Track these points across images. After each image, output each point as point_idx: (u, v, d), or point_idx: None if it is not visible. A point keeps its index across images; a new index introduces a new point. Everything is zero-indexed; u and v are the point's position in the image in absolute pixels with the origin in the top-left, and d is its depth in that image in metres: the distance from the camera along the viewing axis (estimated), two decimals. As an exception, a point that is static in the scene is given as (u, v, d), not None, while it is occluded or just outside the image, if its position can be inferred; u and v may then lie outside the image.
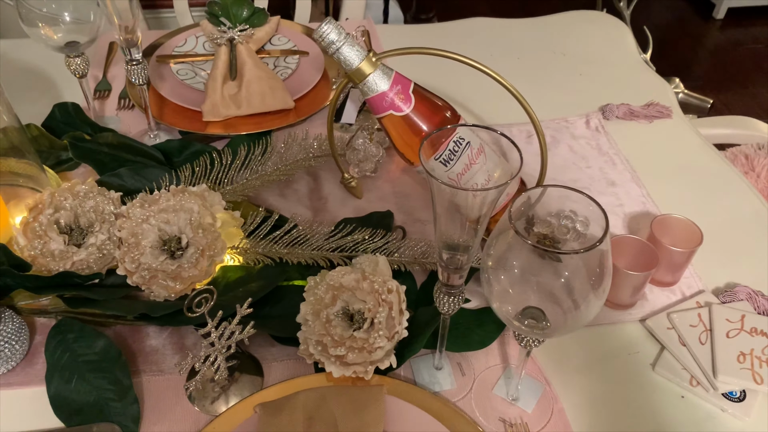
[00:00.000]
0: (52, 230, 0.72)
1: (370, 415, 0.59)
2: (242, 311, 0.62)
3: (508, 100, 0.75)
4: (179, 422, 0.64)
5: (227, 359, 0.64)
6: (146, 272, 0.70)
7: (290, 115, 0.98)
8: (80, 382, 0.65)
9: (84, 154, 0.84)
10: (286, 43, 1.09)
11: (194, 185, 0.80)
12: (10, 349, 0.65)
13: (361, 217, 0.82)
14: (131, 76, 0.85)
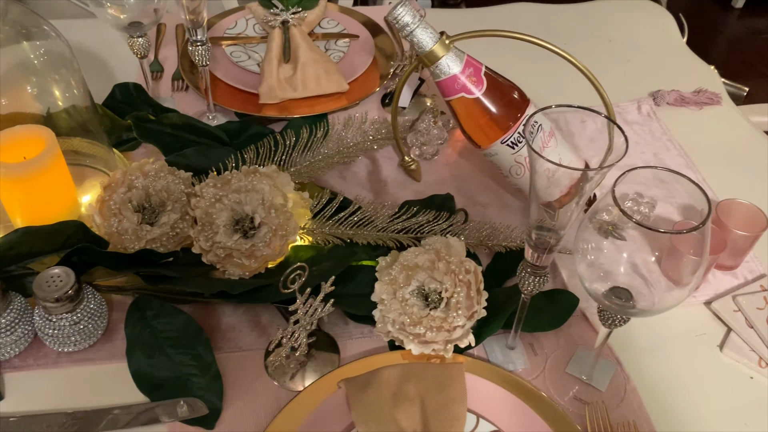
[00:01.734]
0: (126, 209, 0.73)
1: (454, 392, 0.60)
2: (326, 288, 0.63)
3: (560, 85, 0.75)
4: (260, 398, 0.65)
5: (307, 336, 0.65)
6: (221, 251, 0.71)
7: (342, 99, 0.98)
8: (161, 358, 0.66)
9: (148, 134, 0.85)
10: (336, 26, 1.10)
11: (260, 166, 0.81)
12: (93, 326, 0.66)
13: (423, 200, 0.83)
14: (195, 57, 0.85)
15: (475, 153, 0.90)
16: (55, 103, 0.74)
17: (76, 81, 0.72)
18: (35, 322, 0.65)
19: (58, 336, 0.65)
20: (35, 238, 0.68)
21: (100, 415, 0.62)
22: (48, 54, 0.68)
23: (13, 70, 0.69)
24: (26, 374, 0.66)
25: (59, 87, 0.71)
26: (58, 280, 0.63)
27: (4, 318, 0.64)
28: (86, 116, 0.76)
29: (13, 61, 0.69)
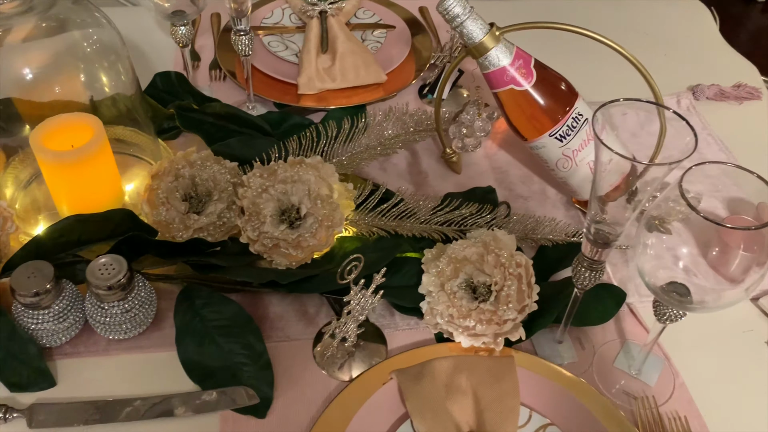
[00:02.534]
0: (174, 198, 0.73)
1: (507, 385, 0.60)
2: (378, 279, 0.63)
3: (601, 78, 0.74)
4: (309, 387, 0.65)
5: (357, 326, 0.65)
6: (268, 241, 0.71)
7: (379, 90, 0.98)
8: (211, 347, 0.66)
9: (190, 124, 0.85)
10: (371, 16, 1.09)
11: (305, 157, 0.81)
12: (143, 314, 0.66)
13: (465, 192, 0.83)
14: (237, 46, 0.85)
15: (515, 145, 0.90)
16: (101, 91, 0.74)
17: (125, 69, 0.72)
18: (86, 309, 0.66)
19: (109, 323, 0.65)
20: (85, 225, 0.68)
21: (152, 401, 0.62)
22: (99, 42, 0.68)
23: (64, 57, 0.70)
24: (77, 361, 0.66)
25: (108, 75, 0.71)
26: (110, 268, 0.63)
27: (57, 305, 0.64)
28: (132, 105, 0.76)
29: (64, 49, 0.69)
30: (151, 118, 0.88)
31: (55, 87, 0.70)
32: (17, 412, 0.60)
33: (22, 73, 0.68)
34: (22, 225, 0.74)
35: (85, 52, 0.70)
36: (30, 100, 0.72)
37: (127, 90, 0.74)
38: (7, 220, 0.69)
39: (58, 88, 0.70)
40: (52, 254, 0.67)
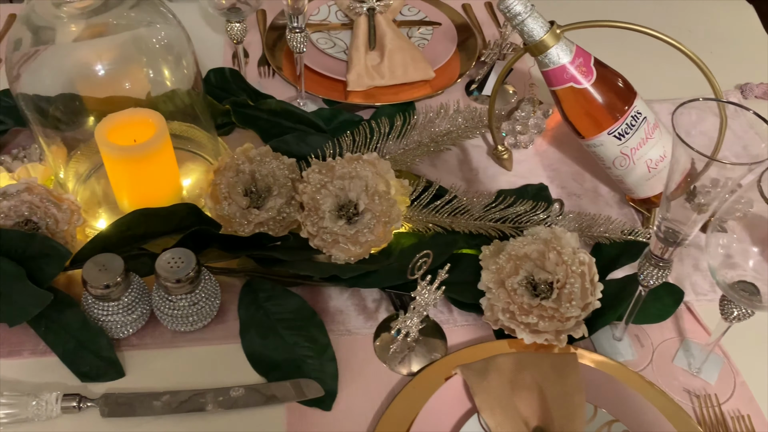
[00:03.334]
0: (235, 193, 0.74)
1: (571, 381, 0.61)
2: (442, 275, 0.64)
3: (652, 76, 0.74)
4: (372, 381, 0.66)
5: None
6: (327, 236, 0.72)
7: (427, 86, 0.98)
8: (276, 339, 0.67)
9: (246, 120, 0.86)
10: (417, 13, 1.09)
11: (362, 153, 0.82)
12: (209, 307, 0.68)
13: (517, 189, 0.83)
14: (292, 43, 0.86)
15: (566, 142, 0.90)
16: (163, 87, 0.75)
17: (189, 65, 0.73)
18: (153, 301, 0.67)
19: (177, 316, 0.66)
20: (150, 219, 0.69)
21: (220, 393, 0.63)
22: (167, 38, 0.69)
23: (131, 53, 0.71)
24: (143, 353, 0.67)
25: (172, 71, 0.73)
26: (179, 261, 0.65)
27: (126, 297, 0.65)
28: (193, 101, 0.77)
29: (131, 45, 0.70)
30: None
31: (118, 82, 0.71)
32: (90, 402, 0.61)
33: (88, 68, 0.69)
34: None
35: (152, 48, 0.71)
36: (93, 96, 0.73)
37: (188, 86, 0.75)
38: (74, 213, 0.70)
39: (122, 84, 0.71)
40: (118, 247, 0.68)
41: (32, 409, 0.60)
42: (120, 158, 0.73)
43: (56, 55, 0.67)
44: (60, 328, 0.65)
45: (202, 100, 0.76)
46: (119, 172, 0.75)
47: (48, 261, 0.64)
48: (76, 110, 0.73)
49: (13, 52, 0.65)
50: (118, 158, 0.73)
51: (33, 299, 0.63)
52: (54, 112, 0.70)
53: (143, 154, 0.73)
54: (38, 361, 0.66)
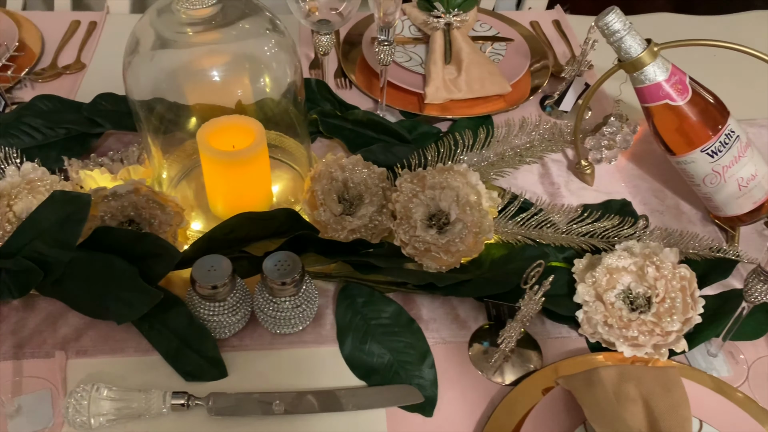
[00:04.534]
0: (330, 200, 0.75)
1: (677, 395, 0.61)
2: (547, 285, 0.64)
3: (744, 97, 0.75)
4: (470, 389, 0.66)
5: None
6: (420, 244, 0.73)
7: (501, 101, 1.00)
8: (373, 344, 0.68)
9: (332, 129, 0.88)
10: (489, 29, 1.11)
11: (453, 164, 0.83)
12: (309, 310, 0.69)
13: (599, 204, 0.84)
14: (379, 56, 0.87)
15: (646, 158, 0.91)
16: (265, 95, 0.77)
17: (294, 76, 0.74)
18: (256, 303, 0.68)
19: (279, 318, 0.67)
20: (253, 223, 0.71)
21: (322, 395, 0.64)
22: (277, 48, 0.71)
23: (241, 61, 0.73)
24: (243, 353, 0.68)
25: (277, 81, 0.74)
26: (285, 264, 0.66)
27: (231, 298, 0.67)
28: (291, 110, 0.78)
29: (242, 53, 0.72)
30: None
31: (225, 89, 0.73)
32: (199, 400, 0.63)
33: (200, 74, 0.71)
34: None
35: (262, 57, 0.72)
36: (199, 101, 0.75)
37: (291, 96, 0.76)
38: (178, 215, 0.72)
39: (228, 91, 0.73)
40: (220, 249, 0.69)
41: (142, 405, 0.61)
42: (219, 162, 0.74)
43: (171, 60, 0.69)
44: (164, 327, 0.67)
45: (302, 109, 0.78)
46: (216, 176, 0.77)
47: (158, 261, 0.66)
48: (182, 114, 0.75)
49: (131, 55, 0.68)
50: (217, 162, 0.74)
51: (143, 297, 0.64)
52: (165, 115, 0.72)
53: (242, 160, 0.74)
54: (141, 359, 0.67)
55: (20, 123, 0.82)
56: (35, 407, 0.63)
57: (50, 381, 0.65)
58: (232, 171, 0.76)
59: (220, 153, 0.74)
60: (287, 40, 0.71)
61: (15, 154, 0.78)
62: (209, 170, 0.76)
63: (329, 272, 0.74)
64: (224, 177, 0.76)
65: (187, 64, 0.70)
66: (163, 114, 0.73)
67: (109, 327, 0.69)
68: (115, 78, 0.96)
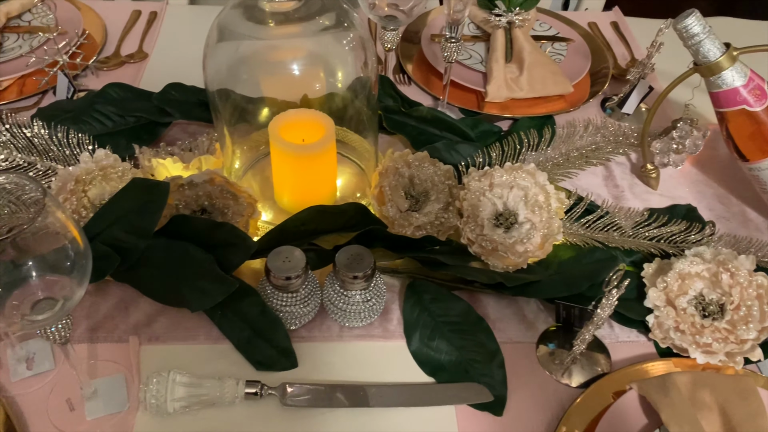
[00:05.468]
0: (398, 195, 0.75)
1: (754, 404, 0.60)
2: (623, 288, 0.64)
3: None
4: (538, 390, 0.66)
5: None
6: (487, 243, 0.73)
7: (562, 101, 0.99)
8: (441, 341, 0.68)
9: (396, 125, 0.88)
10: (549, 29, 1.10)
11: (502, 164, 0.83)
12: (378, 305, 0.69)
13: (664, 209, 0.83)
14: (445, 52, 0.87)
15: (710, 164, 0.90)
16: (337, 90, 0.77)
17: (369, 72, 0.74)
18: (326, 295, 0.69)
19: (348, 311, 0.68)
20: (323, 216, 0.71)
21: (391, 389, 0.64)
22: (354, 42, 0.71)
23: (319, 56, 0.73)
24: (311, 345, 0.69)
25: (351, 76, 0.74)
26: (358, 258, 0.66)
27: (303, 289, 0.67)
28: (352, 104, 0.78)
29: (319, 47, 0.72)
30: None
31: (301, 83, 0.73)
32: (272, 390, 0.63)
33: (278, 66, 0.72)
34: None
35: (339, 52, 0.73)
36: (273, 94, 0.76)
37: (365, 91, 0.76)
38: (250, 206, 0.73)
39: (303, 84, 0.73)
40: (291, 241, 0.70)
41: (215, 393, 0.62)
42: (289, 155, 0.75)
43: (251, 51, 0.70)
44: (236, 317, 0.67)
45: (374, 106, 0.78)
46: (286, 169, 0.77)
47: (233, 250, 0.67)
48: (255, 106, 0.75)
49: (212, 45, 0.68)
50: (287, 155, 0.75)
51: (219, 286, 0.65)
52: (239, 106, 0.73)
53: (311, 153, 0.75)
54: (212, 347, 0.68)
55: (92, 110, 0.83)
56: (110, 391, 0.64)
57: (124, 365, 0.66)
58: (301, 164, 0.76)
59: (291, 146, 0.74)
60: (364, 36, 0.71)
61: (87, 140, 0.79)
62: (278, 162, 0.77)
63: (395, 267, 0.74)
64: (293, 170, 0.77)
65: (265, 55, 0.71)
66: (237, 104, 0.74)
67: (181, 314, 0.70)
68: (176, 67, 0.98)
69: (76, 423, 0.61)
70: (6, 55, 0.98)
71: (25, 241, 0.46)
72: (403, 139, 0.90)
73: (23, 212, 0.73)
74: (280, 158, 0.76)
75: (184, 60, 1.02)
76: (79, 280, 0.50)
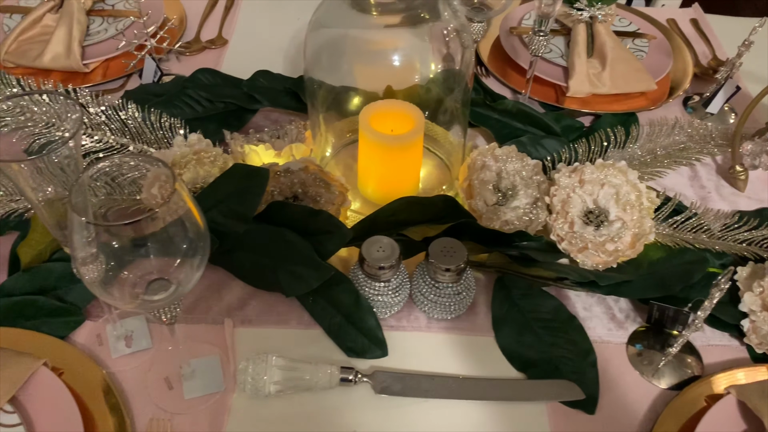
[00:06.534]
0: (485, 189, 0.75)
1: None
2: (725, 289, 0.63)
3: None
4: (630, 390, 0.66)
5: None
6: (577, 240, 0.72)
7: (642, 99, 0.97)
8: (532, 337, 0.68)
9: (479, 118, 0.88)
10: (629, 25, 1.09)
11: (592, 161, 0.82)
12: (468, 298, 0.69)
13: (755, 211, 0.81)
14: (533, 46, 0.86)
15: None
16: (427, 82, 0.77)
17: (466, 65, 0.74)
18: (417, 287, 0.69)
19: (439, 303, 0.68)
20: (413, 207, 0.71)
21: (483, 383, 0.65)
22: (454, 34, 0.71)
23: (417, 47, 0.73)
24: (400, 334, 0.69)
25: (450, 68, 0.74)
26: (452, 251, 0.66)
27: (395, 280, 0.68)
28: (441, 97, 0.78)
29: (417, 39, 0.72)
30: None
31: (396, 73, 0.73)
32: (366, 377, 0.64)
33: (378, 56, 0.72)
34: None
35: (439, 43, 0.73)
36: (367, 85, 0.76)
37: (461, 83, 0.76)
38: (341, 194, 0.73)
39: (399, 75, 0.73)
40: (380, 231, 0.70)
41: (311, 377, 0.63)
42: (378, 145, 0.75)
43: (351, 39, 0.70)
44: (327, 303, 0.68)
45: (467, 99, 0.77)
46: (373, 158, 0.77)
47: (329, 238, 0.67)
48: (347, 95, 0.76)
49: (314, 31, 0.69)
50: (376, 145, 0.75)
51: (315, 272, 0.66)
52: (333, 93, 0.73)
53: (400, 145, 0.75)
54: (303, 332, 0.69)
55: (183, 94, 0.85)
56: (206, 371, 0.65)
57: (219, 347, 0.67)
58: (389, 155, 0.76)
59: (381, 136, 0.74)
60: (463, 30, 0.71)
61: (179, 124, 0.81)
62: (366, 152, 0.77)
63: (482, 261, 0.74)
64: (381, 160, 0.77)
65: (365, 44, 0.71)
66: (332, 92, 0.74)
67: (273, 298, 0.71)
68: (255, 54, 1.00)
69: (176, 401, 0.63)
70: (92, 39, 1.00)
71: (154, 222, 0.47)
72: (484, 132, 0.90)
73: (117, 194, 0.75)
74: (368, 147, 0.76)
75: (262, 47, 1.03)
76: (198, 262, 0.51)
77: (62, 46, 0.94)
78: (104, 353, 0.66)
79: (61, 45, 0.94)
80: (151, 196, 0.68)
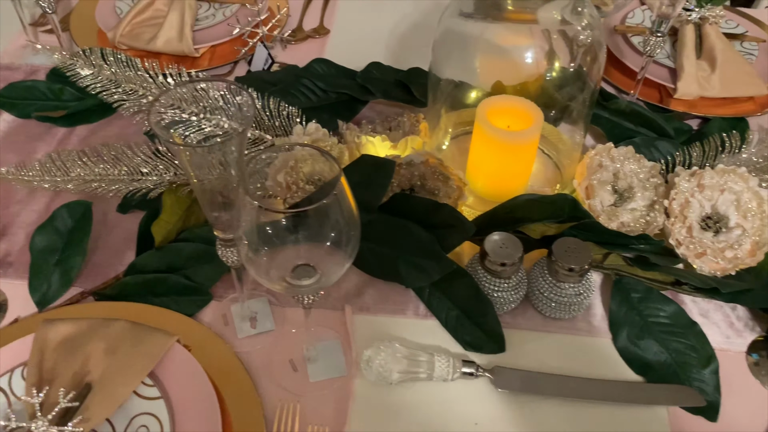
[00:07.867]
0: (603, 190, 0.75)
1: None
2: None
3: None
4: (750, 400, 0.65)
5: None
6: (695, 246, 0.72)
7: (751, 104, 0.95)
8: (650, 342, 0.67)
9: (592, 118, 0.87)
10: (736, 27, 1.06)
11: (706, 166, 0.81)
12: (587, 299, 0.69)
13: None
14: (647, 47, 0.85)
15: None
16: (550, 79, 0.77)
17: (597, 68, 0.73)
18: (537, 285, 0.69)
19: (559, 303, 0.68)
20: (532, 205, 0.71)
21: (602, 384, 0.65)
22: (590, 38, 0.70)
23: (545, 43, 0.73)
24: (516, 332, 0.69)
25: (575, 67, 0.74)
26: (576, 251, 0.66)
27: (515, 277, 0.68)
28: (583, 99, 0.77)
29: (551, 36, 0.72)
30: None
31: (520, 69, 0.73)
32: (486, 372, 0.65)
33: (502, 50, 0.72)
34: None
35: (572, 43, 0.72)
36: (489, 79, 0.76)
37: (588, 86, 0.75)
38: (459, 188, 0.74)
39: (523, 71, 0.73)
40: (499, 227, 0.70)
41: (431, 368, 0.64)
42: (494, 140, 0.75)
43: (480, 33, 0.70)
44: (444, 296, 0.69)
45: (593, 99, 0.77)
46: (487, 153, 0.77)
47: (452, 232, 0.68)
48: (467, 88, 0.76)
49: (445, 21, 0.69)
50: (492, 140, 0.75)
51: (437, 265, 0.67)
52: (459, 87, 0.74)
53: (517, 141, 0.75)
54: (420, 322, 0.70)
55: (299, 83, 0.86)
56: (329, 356, 0.66)
57: (339, 332, 0.68)
58: (503, 150, 0.76)
59: (498, 131, 0.74)
60: (597, 30, 0.71)
61: (296, 113, 0.82)
62: (480, 146, 0.77)
63: (599, 263, 0.74)
64: (495, 155, 0.77)
65: (497, 39, 0.71)
66: (456, 85, 0.75)
67: (388, 288, 0.72)
68: (356, 44, 1.01)
69: (300, 384, 0.64)
70: (200, 24, 1.02)
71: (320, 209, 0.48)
72: (593, 130, 0.89)
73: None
74: (482, 142, 0.77)
75: (362, 36, 1.04)
76: (350, 252, 0.52)
77: (175, 31, 0.97)
78: (229, 333, 0.68)
79: (173, 29, 0.97)
80: (277, 183, 0.70)
